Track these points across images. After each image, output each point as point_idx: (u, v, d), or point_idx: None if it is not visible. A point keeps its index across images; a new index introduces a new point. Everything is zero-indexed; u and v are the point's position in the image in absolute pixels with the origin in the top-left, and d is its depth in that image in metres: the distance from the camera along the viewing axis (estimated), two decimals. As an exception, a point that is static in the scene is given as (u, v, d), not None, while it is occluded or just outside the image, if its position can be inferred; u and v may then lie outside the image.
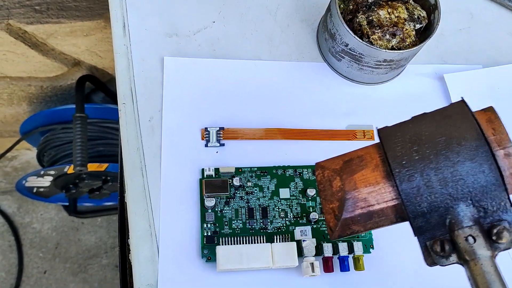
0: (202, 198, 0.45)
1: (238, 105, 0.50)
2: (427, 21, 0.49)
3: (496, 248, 0.29)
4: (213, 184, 0.45)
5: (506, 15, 0.59)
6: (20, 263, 1.11)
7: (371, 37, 0.47)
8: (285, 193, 0.46)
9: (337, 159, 0.33)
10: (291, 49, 0.53)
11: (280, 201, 0.46)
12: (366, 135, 0.50)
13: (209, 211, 0.44)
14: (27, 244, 1.14)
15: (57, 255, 1.13)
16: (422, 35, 0.50)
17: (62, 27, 0.77)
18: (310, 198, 0.46)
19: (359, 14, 0.48)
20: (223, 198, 0.45)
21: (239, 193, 0.45)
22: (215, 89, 0.50)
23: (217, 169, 0.46)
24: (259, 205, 0.45)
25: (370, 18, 0.48)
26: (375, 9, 0.48)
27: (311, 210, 0.45)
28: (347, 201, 0.31)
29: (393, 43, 0.48)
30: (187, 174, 0.46)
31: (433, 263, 0.30)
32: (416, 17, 0.48)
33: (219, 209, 0.44)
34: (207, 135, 0.48)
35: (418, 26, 0.49)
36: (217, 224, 0.44)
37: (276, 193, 0.46)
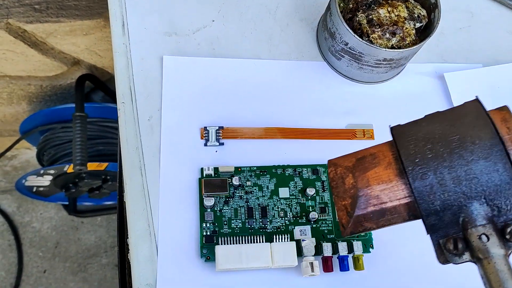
0: (201, 197, 0.44)
1: (238, 104, 0.50)
2: (427, 20, 0.49)
3: (510, 247, 0.29)
4: (212, 183, 0.45)
5: (506, 14, 0.59)
6: (19, 262, 1.11)
7: (371, 36, 0.47)
8: (284, 192, 0.46)
9: (350, 156, 0.34)
10: (290, 48, 0.53)
11: (280, 201, 0.45)
12: (366, 134, 0.50)
13: (208, 210, 0.44)
14: (26, 243, 1.13)
15: (56, 254, 1.13)
16: (422, 34, 0.49)
17: (62, 26, 0.77)
18: (310, 197, 0.46)
19: (359, 12, 0.48)
20: (222, 198, 0.45)
21: (238, 193, 0.45)
22: (214, 88, 0.50)
23: (216, 169, 0.46)
24: (259, 204, 0.45)
25: (370, 17, 0.48)
26: (375, 8, 0.48)
27: (311, 210, 0.45)
28: (359, 198, 0.31)
29: (393, 42, 0.48)
30: (186, 174, 0.46)
31: (446, 261, 0.30)
32: (416, 15, 0.48)
33: (218, 208, 0.44)
34: (206, 134, 0.47)
35: (418, 25, 0.48)
36: (216, 224, 0.44)
37: (275, 192, 0.46)
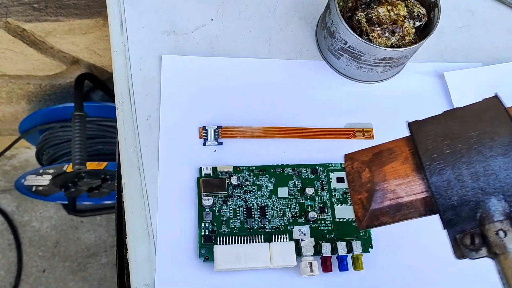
0: (199, 197, 0.44)
1: (237, 103, 0.49)
2: (426, 19, 0.49)
3: None
4: (211, 183, 0.45)
5: (506, 12, 0.59)
6: (19, 261, 1.11)
7: (370, 35, 0.47)
8: (283, 192, 0.46)
9: (366, 151, 0.34)
10: (289, 47, 0.53)
11: (279, 200, 0.45)
12: (365, 133, 0.50)
13: (207, 210, 0.44)
14: (26, 242, 1.13)
15: (56, 253, 1.13)
16: (422, 32, 0.49)
17: (61, 25, 0.77)
18: (309, 197, 0.46)
19: (358, 11, 0.48)
20: (221, 197, 0.45)
21: (237, 192, 0.45)
22: (213, 88, 0.50)
23: (215, 168, 0.46)
24: (257, 204, 0.45)
25: (369, 16, 0.47)
26: (374, 7, 0.48)
27: (310, 209, 0.45)
28: (376, 192, 0.32)
29: (392, 41, 0.47)
30: (184, 173, 0.46)
31: (462, 256, 0.31)
32: (415, 14, 0.48)
33: (217, 208, 0.44)
34: (205, 134, 0.47)
35: (418, 23, 0.48)
36: (214, 224, 0.44)
37: (274, 192, 0.46)
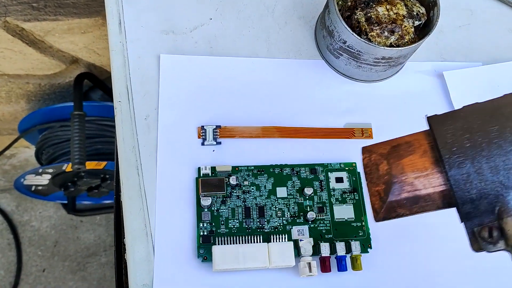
0: (198, 197, 0.44)
1: (235, 103, 0.49)
2: (426, 18, 0.49)
3: None
4: (209, 183, 0.44)
5: (506, 12, 0.58)
6: (19, 261, 1.11)
7: (370, 34, 0.47)
8: (282, 192, 0.46)
9: (384, 144, 0.34)
10: (288, 46, 0.53)
11: (277, 200, 0.45)
12: (364, 133, 0.49)
13: (205, 210, 0.44)
14: (26, 242, 1.13)
15: (56, 253, 1.13)
16: (421, 32, 0.49)
17: (60, 24, 0.77)
18: (308, 197, 0.45)
19: (357, 10, 0.48)
20: (219, 197, 0.44)
21: (235, 192, 0.45)
22: (212, 87, 0.50)
23: (213, 168, 0.45)
24: (256, 204, 0.45)
25: (368, 15, 0.47)
26: (373, 6, 0.47)
27: (308, 209, 0.45)
28: (393, 184, 0.32)
29: (391, 40, 0.47)
30: (183, 173, 0.46)
31: (479, 249, 0.31)
32: (415, 13, 0.48)
33: (216, 208, 0.44)
34: (203, 134, 0.47)
35: (417, 23, 0.48)
36: (213, 224, 0.43)
37: (273, 192, 0.45)
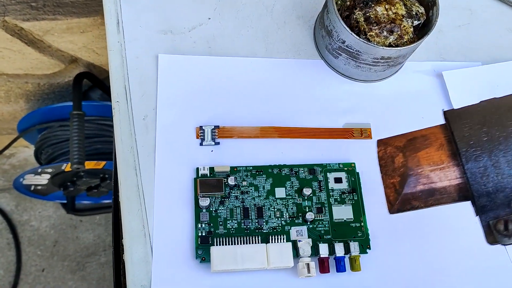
0: (196, 197, 0.44)
1: (234, 103, 0.49)
2: (425, 18, 0.48)
3: None
4: (207, 183, 0.44)
5: (506, 11, 0.58)
6: (18, 261, 1.11)
7: (368, 34, 0.47)
8: (280, 192, 0.45)
9: (400, 137, 0.34)
10: (287, 46, 0.53)
11: (276, 201, 0.45)
12: (363, 133, 0.49)
13: (204, 211, 0.44)
14: (25, 242, 1.13)
15: (55, 253, 1.13)
16: (420, 31, 0.49)
17: (59, 23, 0.77)
18: (306, 197, 0.45)
19: (356, 10, 0.48)
20: (217, 198, 0.44)
21: (234, 193, 0.45)
22: (210, 87, 0.49)
23: (212, 168, 0.45)
24: (255, 204, 0.45)
25: (367, 15, 0.47)
26: (372, 5, 0.47)
27: (307, 210, 0.45)
28: (409, 176, 0.32)
29: (390, 40, 0.47)
30: (181, 173, 0.45)
31: (494, 241, 0.31)
32: (414, 13, 0.48)
33: (214, 209, 0.44)
34: (202, 134, 0.47)
35: (416, 22, 0.48)
36: (211, 224, 0.43)
37: (271, 192, 0.45)
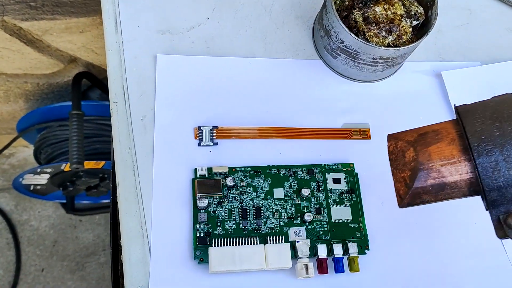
0: (194, 198, 0.44)
1: (232, 103, 0.49)
2: (424, 18, 0.48)
3: None
4: (206, 184, 0.44)
5: (505, 11, 0.58)
6: (17, 260, 1.11)
7: (367, 34, 0.47)
8: (279, 193, 0.45)
9: (411, 131, 0.34)
10: (286, 46, 0.52)
11: (274, 201, 0.45)
12: (362, 133, 0.49)
13: (202, 211, 0.44)
14: (24, 241, 1.13)
15: (54, 253, 1.13)
16: (419, 31, 0.49)
17: (58, 23, 0.77)
18: (305, 198, 0.45)
19: (354, 10, 0.47)
20: (216, 198, 0.44)
21: (232, 193, 0.45)
22: (208, 87, 0.49)
23: (210, 169, 0.45)
24: (253, 205, 0.45)
25: (366, 15, 0.47)
26: (371, 6, 0.47)
27: (306, 211, 0.45)
28: (420, 171, 0.32)
29: (389, 40, 0.47)
30: (179, 174, 0.45)
31: (504, 235, 0.31)
32: (413, 13, 0.48)
33: (212, 209, 0.44)
34: (200, 134, 0.47)
35: (415, 22, 0.48)
36: (209, 225, 0.43)
37: (270, 193, 0.45)
